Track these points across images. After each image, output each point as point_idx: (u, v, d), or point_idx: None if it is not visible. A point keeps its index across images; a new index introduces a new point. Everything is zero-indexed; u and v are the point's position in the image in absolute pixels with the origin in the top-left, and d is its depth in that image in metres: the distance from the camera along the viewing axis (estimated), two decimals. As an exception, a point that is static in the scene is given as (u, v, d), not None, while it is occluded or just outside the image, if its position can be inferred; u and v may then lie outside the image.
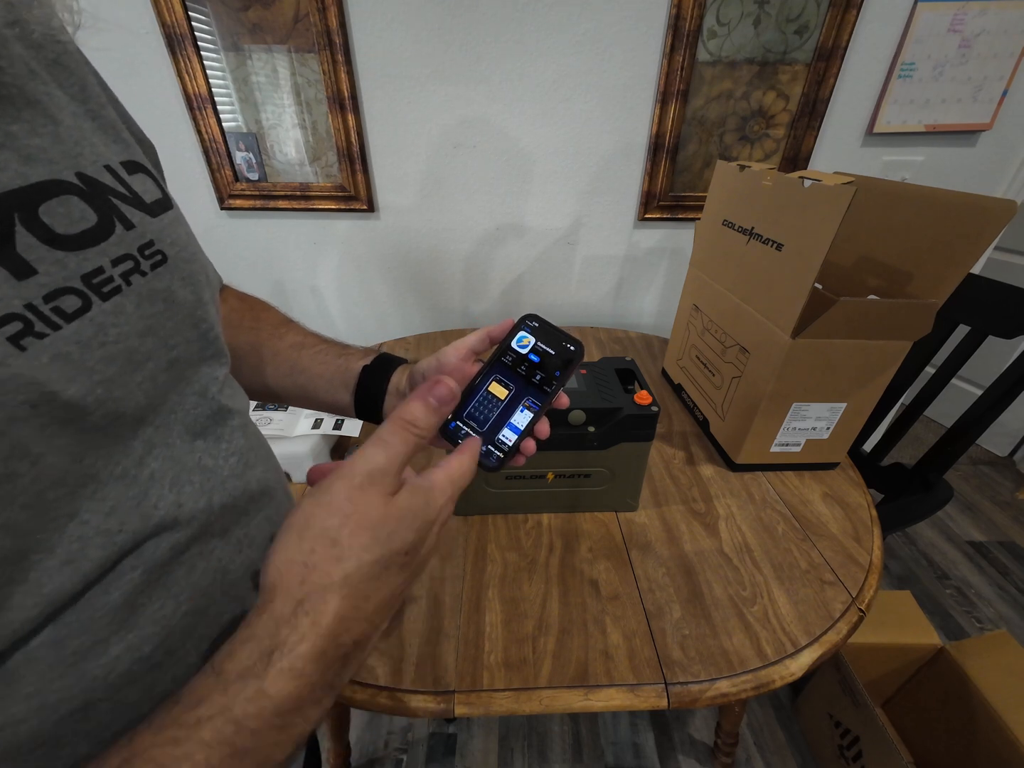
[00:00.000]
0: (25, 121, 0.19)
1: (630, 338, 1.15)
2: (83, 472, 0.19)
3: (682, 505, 0.66)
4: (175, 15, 0.88)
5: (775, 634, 0.49)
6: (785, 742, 0.99)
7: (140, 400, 0.21)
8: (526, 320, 0.37)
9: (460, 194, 1.08)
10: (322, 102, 0.97)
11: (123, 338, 0.20)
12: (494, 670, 0.46)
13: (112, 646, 0.20)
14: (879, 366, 0.62)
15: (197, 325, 0.25)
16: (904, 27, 0.92)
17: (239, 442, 0.27)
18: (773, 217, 0.62)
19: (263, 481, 0.28)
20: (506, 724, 1.03)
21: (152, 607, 0.21)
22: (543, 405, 0.34)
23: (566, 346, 0.35)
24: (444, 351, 0.36)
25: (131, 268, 0.21)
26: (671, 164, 1.04)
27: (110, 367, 0.20)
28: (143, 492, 0.21)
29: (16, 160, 0.18)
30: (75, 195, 0.20)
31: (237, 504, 0.26)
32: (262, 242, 1.15)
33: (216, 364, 0.27)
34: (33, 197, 0.18)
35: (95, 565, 0.19)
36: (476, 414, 0.35)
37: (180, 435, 0.23)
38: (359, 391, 0.39)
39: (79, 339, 0.18)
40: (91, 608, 0.19)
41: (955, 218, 0.56)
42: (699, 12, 0.89)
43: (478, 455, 0.30)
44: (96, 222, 0.20)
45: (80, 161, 0.21)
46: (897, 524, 0.80)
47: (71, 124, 0.21)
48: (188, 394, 0.24)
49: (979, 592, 1.30)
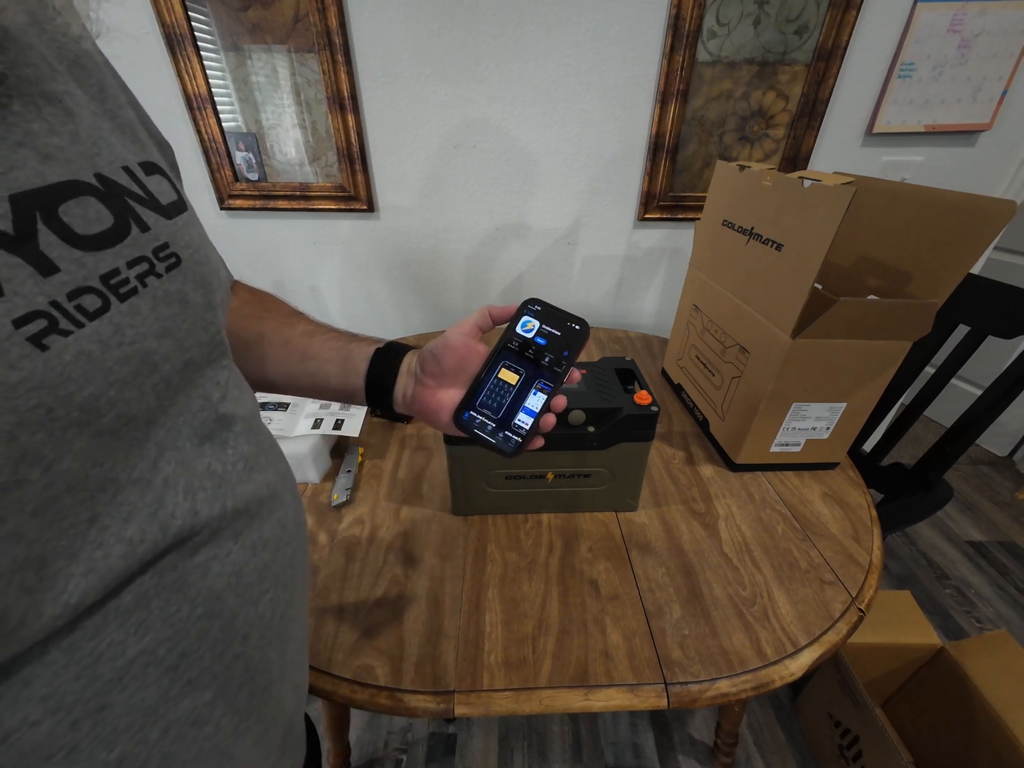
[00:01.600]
0: (45, 119, 0.19)
1: (630, 338, 1.15)
2: (102, 476, 0.19)
3: (682, 505, 0.66)
4: (175, 15, 0.88)
5: (775, 634, 0.49)
6: (785, 742, 0.99)
7: (151, 402, 0.21)
8: (528, 304, 0.37)
9: (460, 194, 1.08)
10: (322, 102, 0.97)
11: (139, 339, 0.20)
12: (494, 670, 0.46)
13: (128, 648, 0.20)
14: (879, 366, 0.62)
15: (207, 328, 0.25)
16: (904, 27, 0.92)
17: (244, 448, 0.27)
18: (773, 217, 0.62)
19: (272, 485, 0.28)
20: (506, 724, 1.03)
21: (168, 610, 0.21)
22: (556, 385, 0.35)
23: (571, 325, 0.36)
24: (450, 330, 0.38)
25: (146, 270, 0.21)
26: (671, 164, 1.04)
27: (125, 368, 0.20)
28: (159, 499, 0.21)
29: (35, 159, 0.18)
30: (92, 196, 0.20)
31: (249, 508, 0.26)
32: (262, 242, 1.15)
33: (219, 366, 0.27)
34: (53, 197, 0.18)
35: (116, 575, 0.19)
36: (489, 402, 0.35)
37: (189, 438, 0.24)
38: (370, 375, 0.39)
39: (100, 338, 0.19)
40: (105, 612, 0.19)
41: (955, 218, 0.56)
42: (699, 12, 0.89)
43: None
44: (112, 224, 0.20)
45: (98, 161, 0.21)
46: (897, 524, 0.80)
47: (90, 124, 0.21)
48: (195, 397, 0.24)
49: (979, 592, 1.30)
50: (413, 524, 0.62)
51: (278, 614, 0.27)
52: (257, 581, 0.26)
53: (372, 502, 0.66)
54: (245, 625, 0.25)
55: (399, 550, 0.59)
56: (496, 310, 0.38)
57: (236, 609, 0.24)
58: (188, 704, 0.22)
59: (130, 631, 0.20)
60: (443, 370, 0.37)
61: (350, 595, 0.53)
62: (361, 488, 0.68)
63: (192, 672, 0.22)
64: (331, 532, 0.61)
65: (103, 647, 0.19)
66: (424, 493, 0.67)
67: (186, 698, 0.22)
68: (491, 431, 0.34)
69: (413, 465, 0.73)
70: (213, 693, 0.23)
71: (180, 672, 0.22)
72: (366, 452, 0.75)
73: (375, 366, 0.39)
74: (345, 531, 0.61)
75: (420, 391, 0.38)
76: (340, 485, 0.67)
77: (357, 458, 0.72)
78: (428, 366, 0.38)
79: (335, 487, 0.67)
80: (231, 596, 0.24)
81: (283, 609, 0.28)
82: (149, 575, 0.21)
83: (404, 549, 0.59)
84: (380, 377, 0.39)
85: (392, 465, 0.73)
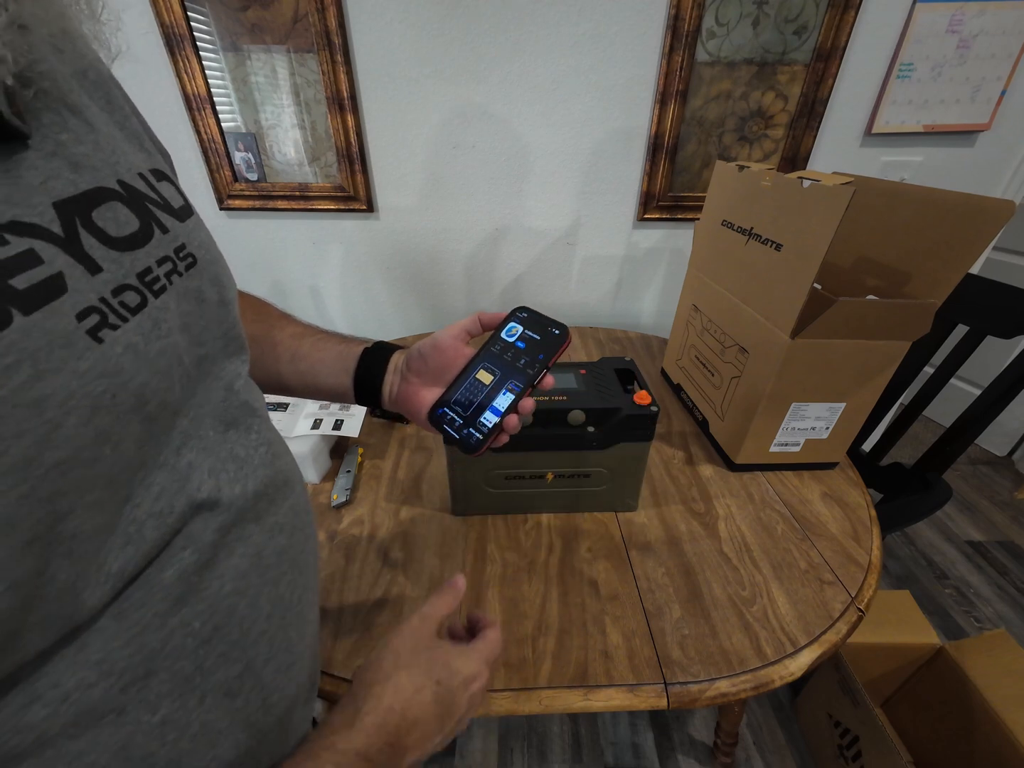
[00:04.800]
0: (71, 130, 0.20)
1: (629, 338, 1.15)
2: (140, 458, 0.21)
3: (681, 505, 0.66)
4: (174, 15, 0.88)
5: (774, 634, 0.49)
6: (785, 742, 0.99)
7: (178, 392, 0.23)
8: (517, 312, 0.39)
9: (459, 194, 1.08)
10: (321, 102, 0.97)
11: (171, 332, 0.22)
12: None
13: (169, 618, 0.21)
14: (878, 366, 0.62)
15: (222, 323, 0.27)
16: (902, 28, 0.92)
17: (266, 433, 0.28)
18: (772, 217, 0.63)
19: (286, 472, 0.30)
20: (506, 724, 1.03)
21: (201, 586, 0.23)
22: (524, 386, 0.36)
23: (550, 330, 0.37)
24: (440, 331, 0.39)
25: (171, 269, 0.23)
26: (670, 164, 1.04)
27: (162, 359, 0.21)
28: (184, 478, 0.23)
29: (67, 168, 0.19)
30: (118, 201, 0.21)
31: (267, 492, 0.27)
32: (261, 242, 1.15)
33: (238, 360, 0.29)
34: (87, 204, 0.20)
35: (152, 546, 0.21)
36: (463, 399, 0.37)
37: (212, 426, 0.25)
38: (359, 373, 0.41)
39: (142, 331, 0.20)
40: (149, 584, 0.21)
41: (954, 218, 0.56)
42: (698, 12, 0.89)
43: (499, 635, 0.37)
44: (139, 227, 0.22)
45: (118, 168, 0.22)
46: (896, 524, 0.80)
47: (106, 132, 0.22)
48: (216, 388, 0.26)
49: (978, 592, 1.30)
50: (413, 524, 0.62)
51: (296, 596, 0.29)
52: (276, 563, 0.27)
53: (372, 502, 0.66)
54: (268, 604, 0.26)
55: (399, 550, 0.59)
56: (486, 316, 0.39)
57: (259, 588, 0.26)
58: (221, 675, 0.23)
59: (170, 604, 0.21)
60: (429, 369, 0.38)
61: (350, 595, 0.53)
62: (361, 488, 0.68)
63: (223, 645, 0.24)
64: (331, 532, 0.61)
65: (148, 617, 0.21)
66: (424, 493, 0.67)
67: (219, 670, 0.23)
68: (458, 427, 0.36)
69: (413, 465, 0.73)
70: (242, 667, 0.24)
71: (213, 645, 0.23)
72: (366, 452, 0.75)
73: (363, 365, 0.41)
74: (345, 531, 0.61)
75: (405, 388, 0.39)
76: (340, 485, 0.67)
77: (357, 458, 0.72)
78: (414, 364, 0.39)
79: (335, 487, 0.67)
80: (254, 575, 0.25)
81: (300, 592, 0.29)
82: (190, 553, 0.22)
83: (404, 549, 0.59)
84: (369, 376, 0.41)
85: (392, 465, 0.73)
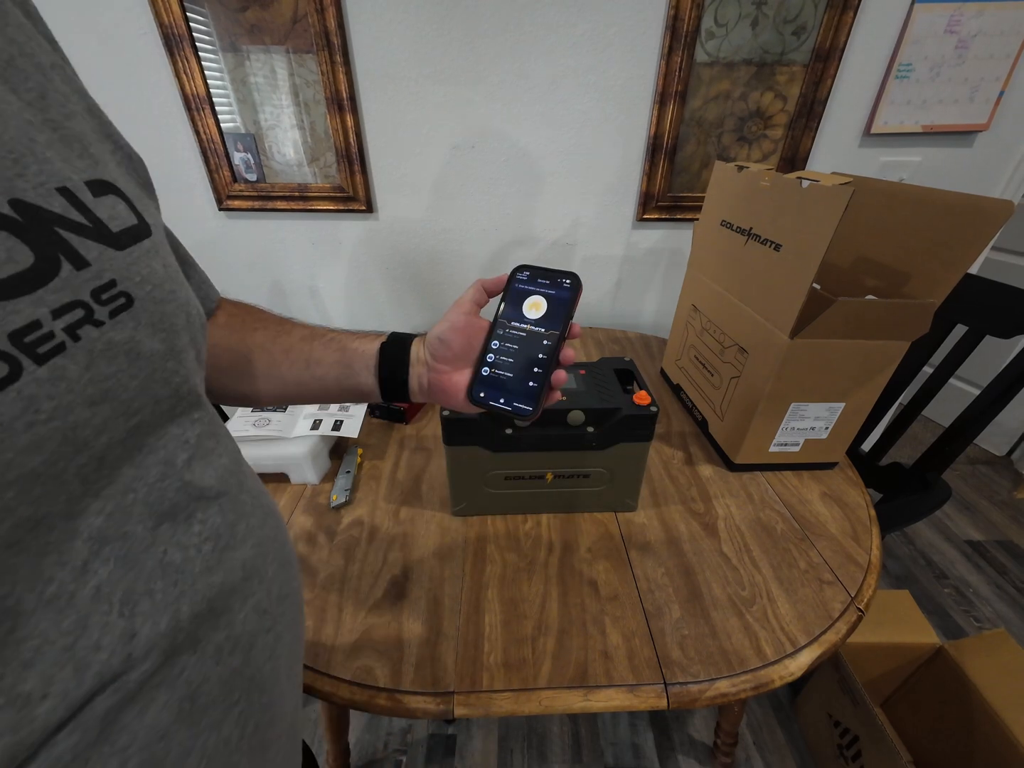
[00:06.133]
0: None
1: (628, 338, 1.15)
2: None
3: (681, 505, 0.66)
4: (173, 16, 0.88)
5: (774, 634, 0.50)
6: (784, 742, 0.99)
7: (75, 490, 0.17)
8: (517, 272, 0.39)
9: (458, 195, 1.08)
10: (320, 103, 0.97)
11: (61, 413, 0.16)
12: (493, 671, 0.46)
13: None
14: (877, 366, 0.62)
15: (169, 380, 0.21)
16: (901, 28, 0.92)
17: (216, 520, 0.22)
18: (771, 218, 0.63)
19: (250, 562, 0.24)
20: (505, 725, 1.03)
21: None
22: (558, 338, 0.36)
23: (562, 281, 0.38)
24: (450, 311, 0.38)
25: (81, 318, 0.17)
26: (669, 165, 1.04)
27: (34, 458, 0.15)
28: (81, 624, 0.17)
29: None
30: (3, 230, 0.16)
31: (213, 607, 0.21)
32: (260, 243, 1.15)
33: (186, 421, 0.23)
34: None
35: (6, 750, 0.15)
36: (499, 372, 0.36)
37: (141, 519, 0.19)
38: (382, 372, 0.39)
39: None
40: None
41: (953, 218, 0.56)
42: (697, 13, 0.89)
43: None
44: (32, 263, 0.16)
45: (18, 184, 0.17)
46: (895, 524, 0.80)
47: (14, 136, 0.17)
48: (150, 465, 0.20)
49: (977, 591, 1.30)
50: (412, 525, 0.62)
51: (249, 728, 0.23)
52: (221, 697, 0.21)
53: (371, 503, 0.66)
54: (201, 761, 0.20)
55: (398, 551, 0.59)
56: (488, 282, 0.38)
57: (188, 745, 0.20)
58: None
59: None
60: (454, 353, 0.37)
61: (349, 596, 0.53)
62: (360, 489, 0.68)
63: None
64: (330, 533, 0.61)
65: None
66: (423, 494, 0.67)
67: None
68: (505, 400, 0.35)
69: (412, 466, 0.73)
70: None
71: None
72: (365, 453, 0.75)
73: (385, 362, 0.39)
74: (344, 532, 0.61)
75: (435, 378, 0.38)
76: (339, 486, 0.67)
77: (356, 459, 0.72)
78: (438, 353, 0.38)
79: (334, 488, 0.67)
80: (182, 730, 0.19)
81: (257, 718, 0.23)
82: (65, 731, 0.16)
83: (403, 550, 0.59)
84: (393, 372, 0.39)
85: (391, 466, 0.73)
